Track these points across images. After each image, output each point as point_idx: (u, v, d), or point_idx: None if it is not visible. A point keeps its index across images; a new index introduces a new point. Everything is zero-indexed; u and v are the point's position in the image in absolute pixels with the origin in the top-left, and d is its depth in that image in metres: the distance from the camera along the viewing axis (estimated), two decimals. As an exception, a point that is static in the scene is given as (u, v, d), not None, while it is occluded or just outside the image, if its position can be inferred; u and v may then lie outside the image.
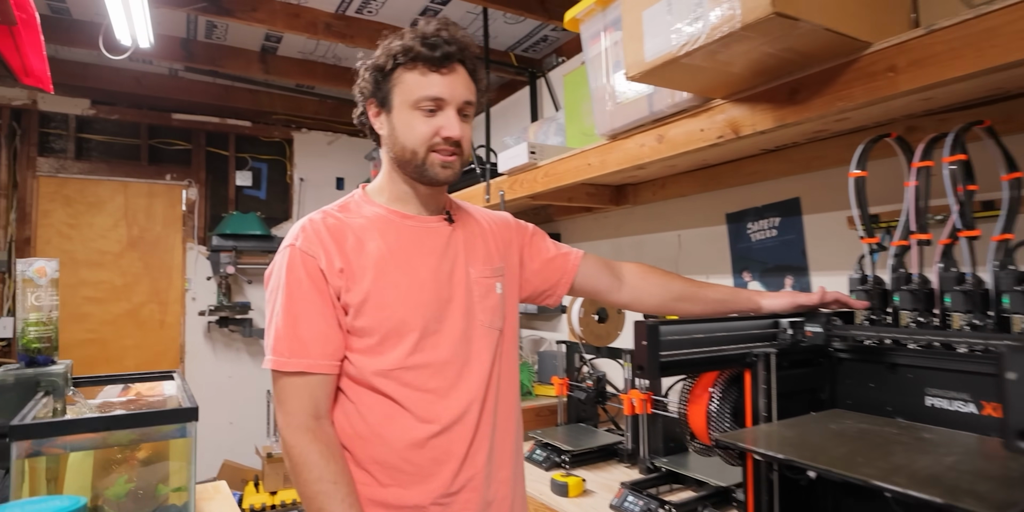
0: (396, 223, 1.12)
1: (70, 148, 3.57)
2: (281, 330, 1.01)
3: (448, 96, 1.05)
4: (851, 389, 1.18)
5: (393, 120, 1.08)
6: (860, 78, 1.08)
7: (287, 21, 2.50)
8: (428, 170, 1.07)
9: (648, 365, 0.92)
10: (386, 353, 1.04)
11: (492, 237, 1.24)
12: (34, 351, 0.95)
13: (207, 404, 3.83)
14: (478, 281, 1.15)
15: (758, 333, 1.17)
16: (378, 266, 1.06)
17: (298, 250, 1.04)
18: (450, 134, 1.05)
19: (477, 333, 1.12)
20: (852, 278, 1.22)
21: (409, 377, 1.05)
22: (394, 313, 1.05)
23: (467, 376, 1.09)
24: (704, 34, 1.01)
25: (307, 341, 1.01)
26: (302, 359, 1.00)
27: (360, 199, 1.16)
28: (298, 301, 1.02)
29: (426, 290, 1.08)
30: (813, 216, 1.77)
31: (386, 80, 1.08)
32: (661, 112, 1.46)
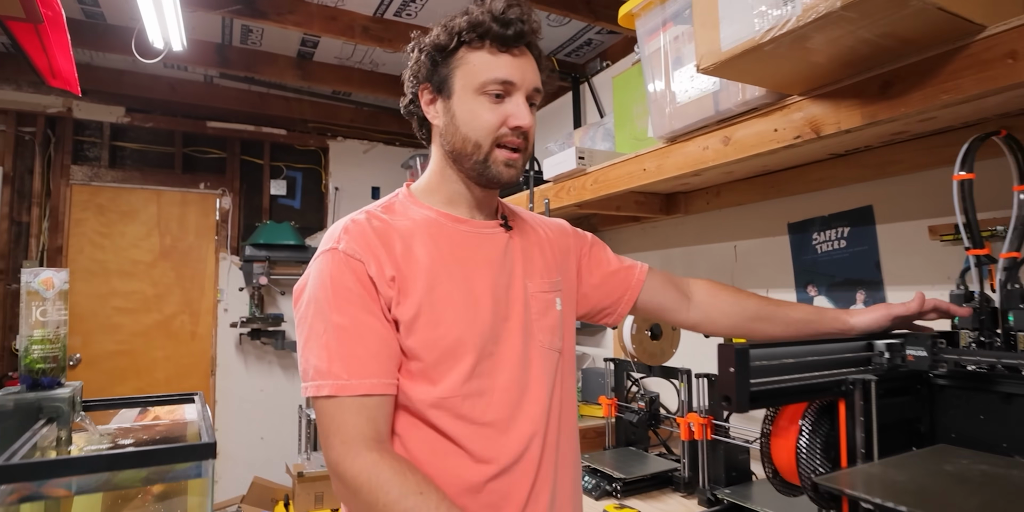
0: (448, 228, 0.99)
1: (104, 156, 3.57)
2: (333, 348, 0.85)
3: (519, 80, 0.93)
4: (956, 421, 1.03)
5: (453, 107, 0.95)
6: (971, 66, 0.95)
7: (323, 24, 2.44)
8: (490, 168, 0.95)
9: (737, 395, 0.79)
10: (438, 379, 0.90)
11: (549, 246, 1.12)
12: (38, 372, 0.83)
13: (238, 418, 3.82)
14: (536, 296, 1.02)
15: (851, 357, 1.03)
16: (429, 276, 0.92)
17: (342, 254, 0.89)
18: (520, 123, 0.93)
19: (536, 355, 0.99)
20: (954, 294, 1.07)
21: (465, 408, 0.91)
22: (448, 332, 0.91)
23: (527, 406, 0.95)
24: (795, 16, 0.89)
25: (365, 358, 0.86)
26: (364, 380, 0.85)
27: (406, 199, 1.02)
28: (348, 313, 0.87)
29: (482, 306, 0.95)
30: (888, 226, 1.62)
31: (446, 61, 0.95)
32: (728, 111, 1.33)
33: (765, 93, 1.24)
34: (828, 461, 0.99)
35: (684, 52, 1.42)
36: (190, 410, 1.03)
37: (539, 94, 0.98)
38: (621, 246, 2.63)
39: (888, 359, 1.04)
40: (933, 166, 1.47)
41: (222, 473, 3.73)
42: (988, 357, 0.96)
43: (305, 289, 0.93)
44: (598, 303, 1.18)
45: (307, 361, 0.87)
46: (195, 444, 0.71)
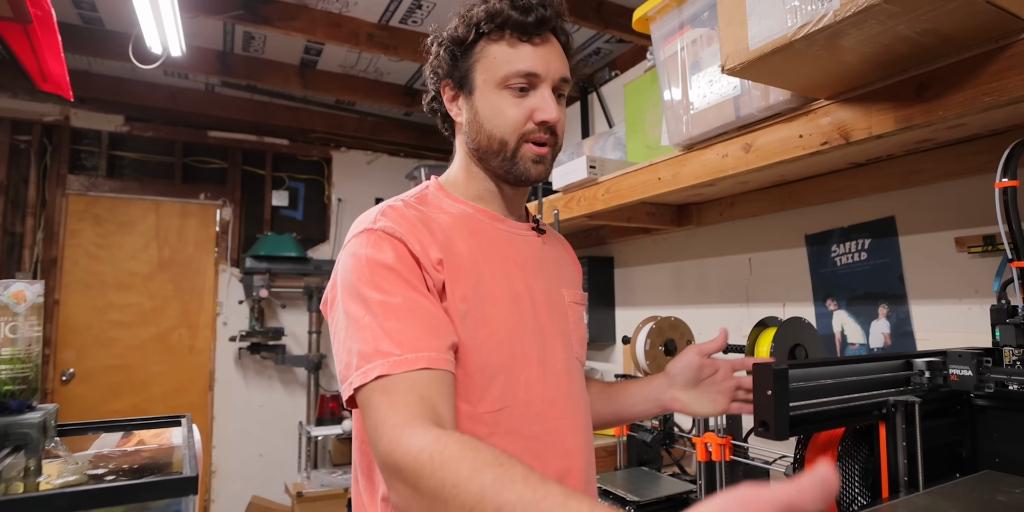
0: (486, 225, 0.92)
1: (102, 165, 3.50)
2: (378, 326, 0.73)
3: (543, 71, 0.87)
4: (998, 445, 0.97)
5: (476, 103, 0.89)
6: (1016, 66, 0.89)
7: (327, 31, 2.40)
8: (518, 165, 0.88)
9: (776, 421, 0.72)
10: (486, 386, 0.81)
11: (571, 261, 1.08)
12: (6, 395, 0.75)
13: (236, 435, 3.73)
14: (571, 306, 0.98)
15: (890, 377, 0.96)
16: (475, 271, 0.84)
17: (379, 232, 0.80)
18: (546, 117, 0.86)
19: (574, 367, 0.94)
20: (997, 309, 1.01)
21: (512, 421, 0.82)
22: (495, 332, 0.83)
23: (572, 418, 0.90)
24: (832, 10, 0.83)
25: (418, 332, 0.74)
26: (420, 352, 0.72)
27: (438, 192, 0.95)
28: (391, 290, 0.76)
29: (525, 308, 0.88)
30: (911, 237, 1.56)
31: (466, 55, 0.89)
32: (750, 116, 1.28)
33: (790, 97, 1.19)
34: (868, 489, 0.92)
35: (702, 56, 1.36)
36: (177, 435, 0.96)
37: (567, 84, 0.92)
38: (631, 258, 2.56)
39: (929, 378, 0.97)
40: (960, 175, 1.41)
41: (219, 491, 3.64)
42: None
43: (336, 284, 0.83)
44: None
45: (347, 353, 0.75)
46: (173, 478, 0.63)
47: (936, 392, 0.96)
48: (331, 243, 4.09)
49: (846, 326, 1.70)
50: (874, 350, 1.63)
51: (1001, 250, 1.38)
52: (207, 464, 3.63)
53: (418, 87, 3.34)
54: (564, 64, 0.91)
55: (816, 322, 1.75)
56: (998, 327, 0.99)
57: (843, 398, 0.86)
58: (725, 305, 2.08)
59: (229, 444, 3.70)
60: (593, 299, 2.57)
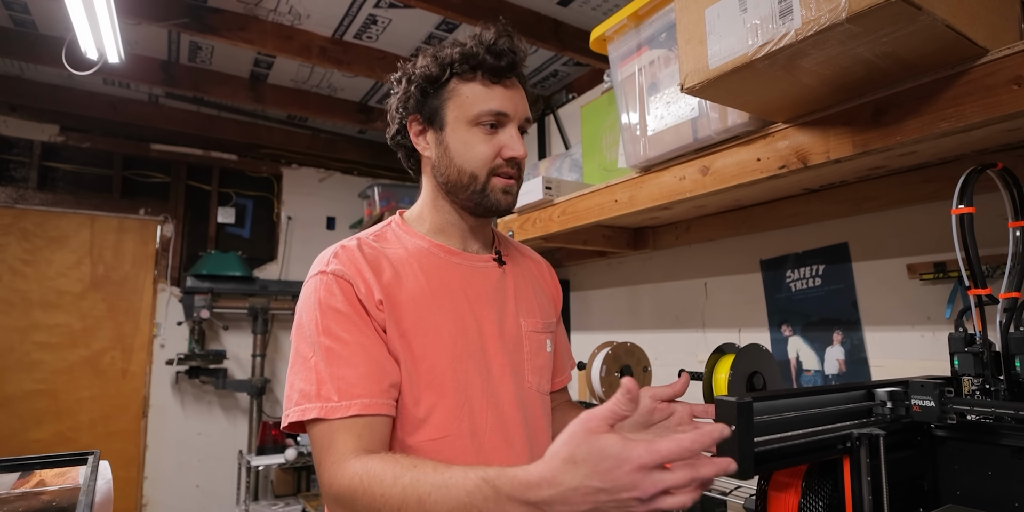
0: (440, 259, 0.97)
1: (32, 177, 3.30)
2: (322, 371, 0.83)
3: (512, 111, 0.94)
4: (960, 477, 0.95)
5: (446, 138, 0.95)
6: (973, 92, 0.89)
7: (278, 43, 2.32)
8: (489, 196, 0.95)
9: (740, 459, 0.67)
10: (422, 417, 0.87)
11: (545, 286, 1.11)
12: None
13: (171, 465, 3.50)
14: (529, 335, 1.00)
15: (853, 408, 0.92)
16: (417, 306, 0.90)
17: (330, 276, 0.89)
18: (514, 153, 0.93)
19: (526, 397, 0.95)
20: (954, 337, 0.99)
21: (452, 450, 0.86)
22: (434, 366, 0.88)
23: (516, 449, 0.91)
24: (793, 30, 0.81)
25: (354, 380, 0.83)
26: (354, 400, 0.81)
27: (398, 228, 1.01)
28: (336, 333, 0.85)
29: (471, 341, 0.93)
30: (865, 263, 1.57)
31: (437, 93, 0.95)
32: (708, 139, 1.26)
33: (748, 120, 1.17)
34: (832, 527, 0.88)
35: (660, 77, 1.34)
36: (84, 474, 0.85)
37: (529, 124, 1.00)
38: (587, 282, 2.53)
39: (891, 409, 0.94)
40: (911, 203, 1.43)
41: (149, 525, 3.41)
42: (1002, 408, 0.87)
43: (296, 316, 0.92)
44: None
45: (291, 386, 0.85)
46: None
47: (898, 423, 0.93)
48: (279, 262, 3.95)
49: (801, 352, 1.69)
50: (829, 377, 1.61)
51: (952, 277, 1.39)
52: (134, 497, 3.40)
53: (373, 104, 3.27)
54: (527, 106, 0.99)
55: (771, 348, 1.73)
56: (956, 356, 0.97)
57: (807, 432, 0.82)
58: (681, 330, 2.05)
59: (163, 475, 3.48)
60: (548, 323, 2.51)
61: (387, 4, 2.25)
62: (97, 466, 0.87)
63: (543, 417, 1.00)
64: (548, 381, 1.03)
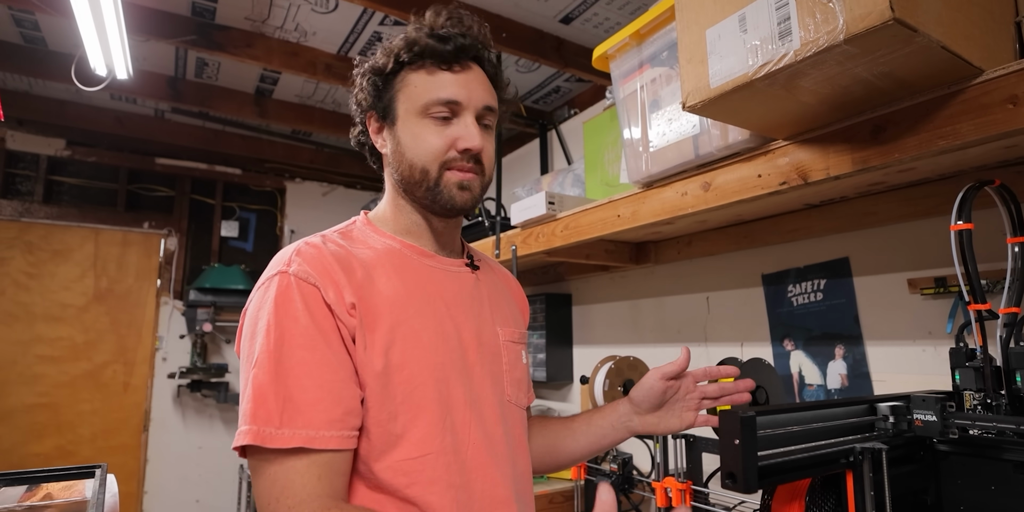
0: (413, 261, 0.89)
1: (38, 190, 3.32)
2: (266, 387, 0.71)
3: (464, 99, 0.85)
4: (963, 492, 0.95)
5: (398, 133, 0.88)
6: (969, 111, 0.90)
7: (284, 60, 2.35)
8: (443, 193, 0.86)
9: (744, 472, 0.68)
10: (403, 433, 0.77)
11: (514, 300, 1.05)
12: None
13: (171, 479, 3.48)
14: (507, 345, 0.93)
15: (856, 423, 0.93)
16: (393, 310, 0.80)
17: (292, 278, 0.77)
18: (469, 145, 0.84)
19: (506, 411, 0.90)
20: (955, 352, 1.00)
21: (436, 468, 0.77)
22: (415, 376, 0.79)
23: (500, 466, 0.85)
24: (793, 50, 0.83)
25: (304, 403, 0.71)
26: (299, 430, 0.70)
27: (365, 227, 0.92)
28: (291, 345, 0.73)
29: (452, 348, 0.84)
30: (865, 278, 1.58)
31: (388, 85, 0.88)
32: (709, 155, 1.27)
33: (749, 137, 1.19)
34: (835, 542, 0.88)
35: (661, 94, 1.37)
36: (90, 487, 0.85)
37: (492, 113, 0.90)
38: (590, 296, 2.53)
39: (893, 424, 0.94)
40: (911, 218, 1.44)
41: (149, 540, 3.38)
42: (1004, 422, 0.88)
43: (246, 321, 0.80)
44: None
45: (241, 405, 0.74)
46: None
47: (900, 438, 0.94)
48: (282, 276, 3.95)
49: (803, 367, 1.69)
50: (832, 391, 1.62)
51: (953, 292, 1.39)
52: (134, 511, 3.38)
53: (377, 119, 3.30)
54: (489, 93, 0.90)
55: (774, 362, 1.74)
56: (958, 370, 0.98)
57: (810, 446, 0.82)
58: (684, 344, 2.05)
59: (163, 489, 3.46)
60: (551, 337, 2.52)
61: (392, 22, 2.29)
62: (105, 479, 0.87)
63: (523, 432, 0.94)
64: (525, 394, 0.97)
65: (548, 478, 2.18)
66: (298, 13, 2.24)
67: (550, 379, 2.47)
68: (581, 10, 2.19)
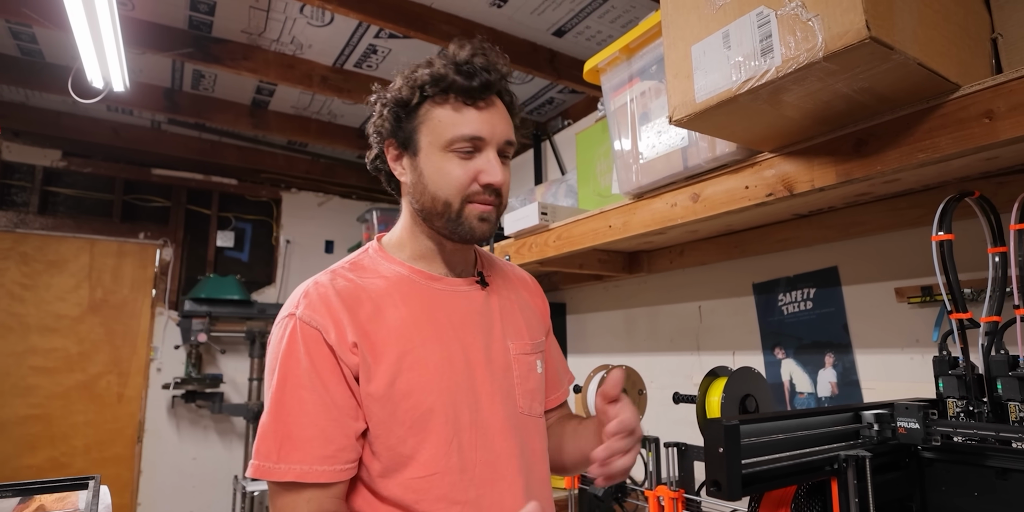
0: (421, 287, 0.92)
1: (33, 201, 3.33)
2: (268, 425, 0.81)
3: (488, 135, 0.88)
4: (947, 498, 0.96)
5: (420, 165, 0.90)
6: (947, 125, 0.93)
7: (280, 72, 2.38)
8: (463, 225, 0.89)
9: (728, 480, 0.69)
10: (412, 454, 0.83)
11: (531, 302, 1.07)
12: None
13: (166, 490, 3.47)
14: (518, 358, 0.96)
15: (840, 431, 0.94)
16: (401, 341, 0.85)
17: (298, 322, 0.84)
18: (491, 180, 0.87)
19: (519, 423, 0.92)
20: (938, 360, 1.02)
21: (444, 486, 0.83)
22: (422, 401, 0.84)
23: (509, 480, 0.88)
24: (774, 67, 0.85)
25: (299, 440, 0.79)
26: (292, 465, 0.78)
27: (376, 255, 0.95)
28: (291, 386, 0.81)
29: (458, 371, 0.88)
30: (854, 287, 1.59)
31: (410, 117, 0.90)
32: (698, 167, 1.29)
33: (736, 149, 1.21)
34: (821, 549, 0.89)
35: (651, 107, 1.39)
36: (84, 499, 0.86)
37: (511, 147, 0.93)
38: (583, 305, 2.55)
39: (878, 431, 0.96)
40: (897, 228, 1.46)
41: (142, 553, 3.36)
42: (985, 430, 0.89)
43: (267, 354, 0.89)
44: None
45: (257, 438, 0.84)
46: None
47: (885, 445, 0.95)
48: (277, 286, 3.96)
49: (794, 375, 1.70)
50: (822, 399, 1.63)
51: (939, 301, 1.41)
52: (129, 524, 3.36)
53: (372, 130, 3.33)
54: (509, 126, 0.92)
55: (765, 371, 1.75)
56: (941, 378, 0.99)
57: (795, 454, 0.84)
58: (676, 353, 2.07)
59: (157, 501, 3.45)
60: (545, 346, 2.53)
61: (387, 35, 2.32)
62: (98, 491, 0.88)
63: (539, 441, 0.97)
64: (541, 403, 0.99)
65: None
66: (294, 26, 2.27)
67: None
68: (574, 23, 2.23)
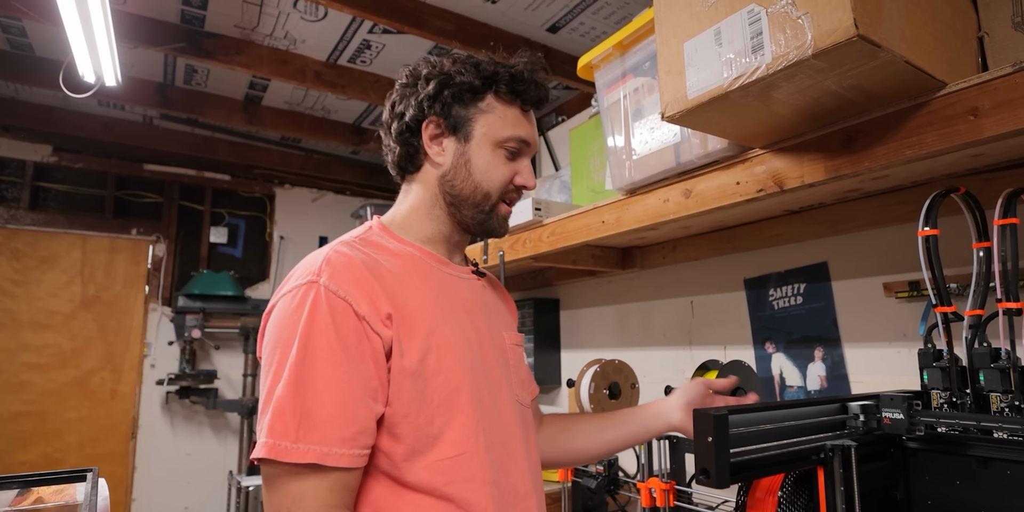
0: (433, 268, 0.93)
1: (24, 197, 3.31)
2: (285, 401, 0.72)
3: (533, 142, 0.96)
4: (930, 487, 0.98)
5: (470, 152, 0.92)
6: (934, 122, 0.94)
7: (273, 67, 2.38)
8: (492, 220, 0.94)
9: (716, 468, 0.71)
10: (437, 435, 0.80)
11: (507, 301, 1.11)
12: None
13: (160, 486, 3.47)
14: (512, 348, 0.99)
15: (827, 421, 0.96)
16: (426, 317, 0.83)
17: (324, 291, 0.77)
18: (527, 183, 0.95)
19: (519, 410, 0.95)
20: (923, 353, 1.04)
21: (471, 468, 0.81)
22: (450, 379, 0.82)
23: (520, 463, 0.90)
24: (764, 64, 0.87)
25: (320, 419, 0.72)
26: (313, 445, 0.71)
27: (383, 233, 0.94)
28: (314, 360, 0.73)
29: (475, 352, 0.88)
30: (844, 282, 1.62)
31: (470, 103, 0.92)
32: (690, 163, 1.31)
33: (727, 146, 1.23)
34: (809, 537, 0.91)
35: (644, 104, 1.40)
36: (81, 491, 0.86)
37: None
38: (577, 300, 2.57)
39: (863, 422, 0.98)
40: (886, 224, 1.48)
41: (137, 548, 3.37)
42: (966, 419, 0.91)
43: (272, 330, 0.79)
44: None
45: (260, 419, 0.75)
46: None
47: (871, 435, 0.97)
48: (271, 281, 3.96)
49: (784, 369, 1.73)
50: (811, 392, 1.65)
51: (926, 295, 1.44)
52: (123, 519, 3.37)
53: (366, 126, 3.33)
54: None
55: (756, 365, 1.77)
56: (926, 370, 1.01)
57: (783, 443, 0.86)
58: (669, 347, 2.09)
59: (151, 496, 3.45)
60: (539, 341, 2.55)
61: (381, 30, 2.32)
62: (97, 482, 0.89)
63: (532, 428, 1.00)
64: (528, 393, 1.02)
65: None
66: (288, 21, 2.26)
67: (538, 383, 2.49)
68: (568, 19, 2.23)
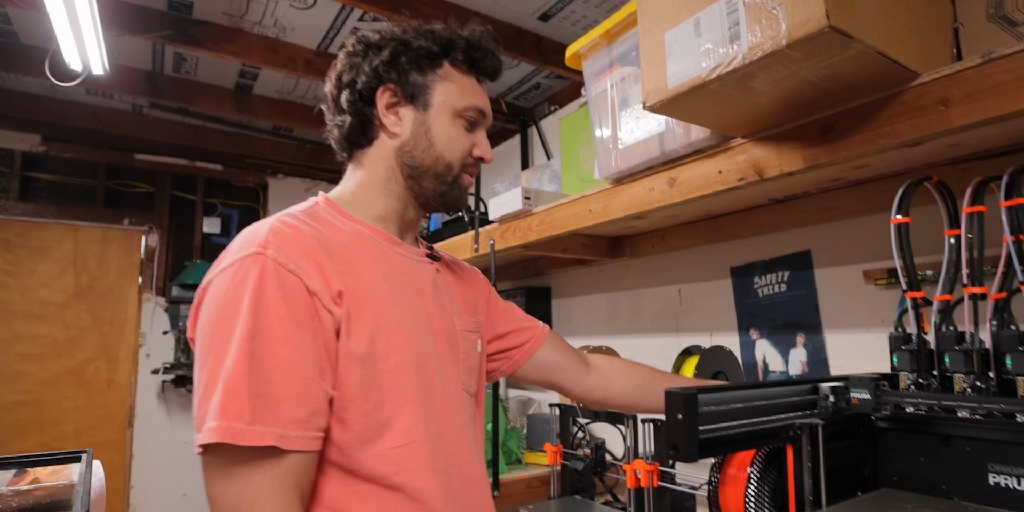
0: (383, 248, 0.88)
1: (13, 187, 3.30)
2: (236, 380, 0.65)
3: (489, 113, 0.95)
4: (896, 464, 1.02)
5: (429, 121, 0.90)
6: (907, 112, 0.97)
7: (263, 55, 2.37)
8: (455, 190, 0.93)
9: (685, 444, 0.74)
10: (387, 422, 0.77)
11: (468, 284, 1.09)
12: None
13: (157, 473, 3.52)
14: (463, 335, 0.97)
15: (798, 401, 1.00)
16: (375, 298, 0.79)
17: (270, 262, 0.71)
18: (485, 155, 0.94)
19: (468, 400, 0.95)
20: (893, 337, 1.07)
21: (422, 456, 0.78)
22: (402, 362, 0.79)
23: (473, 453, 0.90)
24: (741, 54, 0.89)
25: (271, 399, 0.66)
26: (269, 427, 0.65)
27: (330, 209, 0.89)
28: (264, 337, 0.67)
29: (425, 336, 0.85)
30: (826, 270, 1.65)
31: (427, 71, 0.90)
32: (674, 152, 1.33)
33: (710, 135, 1.25)
34: (776, 509, 0.95)
35: (630, 93, 1.42)
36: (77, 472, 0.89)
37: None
38: (568, 289, 2.59)
39: (833, 402, 1.02)
40: (867, 212, 1.50)
41: (134, 534, 3.41)
42: (928, 399, 0.95)
43: (208, 306, 0.72)
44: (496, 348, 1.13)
45: (199, 403, 0.67)
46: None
47: (840, 415, 1.00)
48: (264, 271, 3.97)
49: (767, 355, 1.76)
50: (793, 377, 1.69)
51: (900, 282, 1.47)
52: (120, 505, 3.40)
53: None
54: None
55: (740, 351, 1.81)
56: (895, 353, 1.05)
57: (753, 422, 0.89)
58: (657, 334, 2.12)
59: (149, 484, 3.48)
60: (530, 329, 2.57)
61: (371, 18, 2.32)
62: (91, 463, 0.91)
63: (480, 419, 0.98)
64: (477, 383, 0.99)
65: (527, 464, 2.25)
66: (277, 8, 2.26)
67: (529, 370, 2.53)
68: (559, 8, 2.24)
